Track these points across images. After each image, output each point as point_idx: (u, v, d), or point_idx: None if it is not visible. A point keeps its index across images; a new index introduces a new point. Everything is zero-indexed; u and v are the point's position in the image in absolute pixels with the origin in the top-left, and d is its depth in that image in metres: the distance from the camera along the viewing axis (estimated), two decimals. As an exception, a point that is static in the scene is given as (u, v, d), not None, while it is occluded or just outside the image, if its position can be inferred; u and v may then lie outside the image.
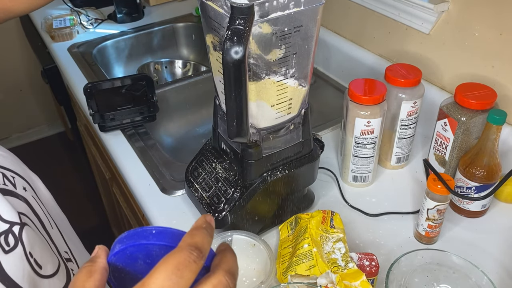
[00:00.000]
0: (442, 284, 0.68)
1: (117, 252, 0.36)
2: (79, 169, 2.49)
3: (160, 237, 0.36)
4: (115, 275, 0.37)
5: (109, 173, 1.36)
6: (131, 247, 0.36)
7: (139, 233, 0.36)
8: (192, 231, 0.35)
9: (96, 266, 0.35)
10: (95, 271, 0.35)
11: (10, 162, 0.54)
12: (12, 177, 0.51)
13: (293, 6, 0.58)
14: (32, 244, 0.46)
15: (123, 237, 0.36)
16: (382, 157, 0.94)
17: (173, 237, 0.36)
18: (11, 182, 0.50)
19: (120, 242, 0.36)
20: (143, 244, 0.35)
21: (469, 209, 0.82)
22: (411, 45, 1.03)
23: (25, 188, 0.53)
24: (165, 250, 0.35)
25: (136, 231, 0.36)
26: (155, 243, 0.35)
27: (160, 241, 0.35)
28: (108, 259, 0.36)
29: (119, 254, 0.36)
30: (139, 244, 0.35)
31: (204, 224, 0.36)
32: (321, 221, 0.73)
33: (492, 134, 0.75)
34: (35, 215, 0.52)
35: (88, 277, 0.34)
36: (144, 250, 0.36)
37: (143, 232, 0.36)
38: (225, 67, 0.55)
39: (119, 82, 1.00)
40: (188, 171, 0.82)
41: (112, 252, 0.36)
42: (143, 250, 0.36)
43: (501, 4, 0.83)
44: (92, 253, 0.36)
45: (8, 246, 0.43)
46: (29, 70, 2.49)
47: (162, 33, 1.55)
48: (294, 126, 0.72)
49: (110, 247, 0.37)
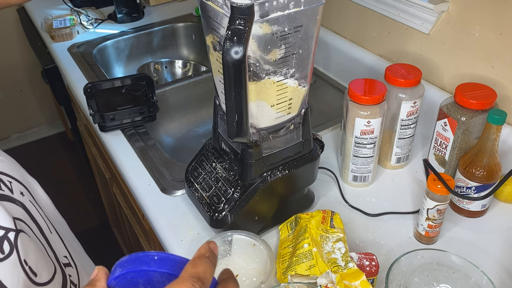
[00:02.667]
0: (442, 284, 0.68)
1: (117, 276, 0.36)
2: (79, 169, 2.49)
3: (161, 264, 0.35)
4: None
5: (109, 173, 1.36)
6: (132, 272, 0.36)
7: (141, 258, 0.36)
8: (194, 260, 0.35)
9: None
10: None
11: (8, 167, 0.53)
12: (9, 182, 0.51)
13: (293, 6, 0.58)
14: (27, 251, 0.45)
15: (124, 261, 0.36)
16: (382, 157, 0.94)
17: (175, 265, 0.36)
18: (8, 187, 0.50)
19: (121, 266, 0.36)
20: (144, 270, 0.35)
21: (469, 209, 0.82)
22: (411, 45, 1.03)
23: (23, 193, 0.52)
24: (167, 278, 0.35)
25: (137, 256, 0.36)
26: (157, 270, 0.35)
27: (162, 269, 0.35)
28: (108, 282, 0.36)
29: (119, 278, 0.36)
30: (140, 270, 0.35)
31: (207, 252, 0.36)
32: (321, 221, 0.73)
33: (492, 134, 0.75)
34: (33, 220, 0.52)
35: None
36: (145, 276, 0.36)
37: (145, 258, 0.36)
38: (225, 67, 0.55)
39: (119, 82, 1.00)
40: (188, 171, 0.82)
41: (112, 275, 0.36)
42: (144, 276, 0.36)
43: (501, 4, 0.83)
44: (92, 274, 0.36)
45: (3, 254, 0.43)
46: (29, 70, 2.49)
47: (162, 33, 1.55)
48: (294, 126, 0.72)
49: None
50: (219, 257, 0.72)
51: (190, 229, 0.81)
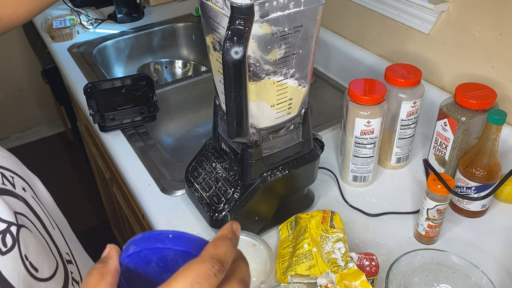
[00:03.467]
0: (442, 284, 0.68)
1: (131, 254, 0.35)
2: (79, 169, 2.49)
3: (177, 242, 0.35)
4: (125, 276, 0.36)
5: (109, 173, 1.36)
6: (146, 250, 0.35)
7: (156, 236, 0.35)
8: (217, 241, 0.34)
9: (108, 267, 0.34)
10: (107, 273, 0.34)
11: (10, 162, 0.53)
12: (11, 177, 0.51)
13: (293, 6, 0.58)
14: (28, 246, 0.45)
15: (138, 239, 0.35)
16: (382, 157, 0.94)
17: (190, 243, 0.35)
18: (10, 182, 0.50)
19: (134, 243, 0.35)
20: (159, 248, 0.35)
21: (469, 209, 0.82)
22: (411, 45, 1.03)
23: (24, 189, 0.52)
24: (181, 256, 0.35)
25: (152, 234, 0.35)
26: (172, 248, 0.35)
27: (178, 246, 0.35)
28: (121, 259, 0.35)
29: (132, 256, 0.35)
30: (155, 248, 0.35)
31: (229, 233, 0.35)
32: (321, 221, 0.73)
33: (492, 134, 0.75)
34: (35, 216, 0.52)
35: (100, 279, 0.33)
36: (159, 254, 0.35)
37: (160, 236, 0.35)
38: (225, 67, 0.55)
39: (119, 82, 1.00)
40: (188, 171, 0.82)
41: (125, 253, 0.35)
42: (158, 253, 0.35)
43: (501, 4, 0.83)
44: (104, 252, 0.36)
45: (6, 247, 0.43)
46: (29, 70, 2.49)
47: (162, 33, 1.55)
48: (294, 126, 0.72)
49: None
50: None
51: (190, 229, 0.81)
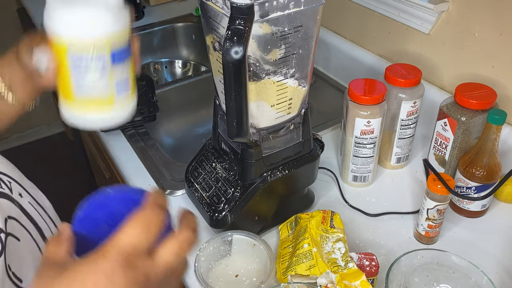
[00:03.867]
0: (442, 284, 0.68)
1: (80, 219, 0.39)
2: (79, 169, 2.49)
3: (117, 192, 0.39)
4: (80, 244, 0.39)
5: (109, 173, 1.36)
6: (91, 211, 0.39)
7: (98, 197, 0.39)
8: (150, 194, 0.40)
9: (63, 236, 0.38)
10: (64, 240, 0.37)
11: (8, 168, 0.53)
12: (9, 182, 0.51)
13: (293, 6, 0.58)
14: (11, 256, 0.45)
15: (83, 206, 0.39)
16: (382, 157, 0.94)
17: (129, 190, 0.40)
18: (8, 187, 0.50)
19: (81, 210, 0.39)
20: (102, 201, 0.39)
21: (469, 209, 0.82)
22: (411, 45, 1.03)
23: (21, 194, 0.52)
24: (125, 205, 0.38)
25: (93, 196, 0.39)
26: (114, 198, 0.39)
27: (118, 195, 0.39)
28: (73, 228, 0.38)
29: (82, 221, 0.39)
30: (99, 205, 0.39)
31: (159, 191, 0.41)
32: (321, 221, 0.73)
33: (492, 134, 0.75)
34: (31, 221, 0.51)
35: (58, 246, 0.37)
36: (105, 210, 0.38)
37: (101, 195, 0.39)
38: (225, 67, 0.55)
39: (119, 82, 0.99)
40: (188, 171, 0.82)
41: (75, 221, 0.39)
42: (103, 210, 0.39)
43: (501, 4, 0.83)
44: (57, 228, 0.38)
45: None
46: (29, 70, 2.48)
47: (162, 33, 1.55)
48: (294, 126, 0.72)
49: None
50: (219, 257, 0.73)
51: (190, 229, 0.81)
